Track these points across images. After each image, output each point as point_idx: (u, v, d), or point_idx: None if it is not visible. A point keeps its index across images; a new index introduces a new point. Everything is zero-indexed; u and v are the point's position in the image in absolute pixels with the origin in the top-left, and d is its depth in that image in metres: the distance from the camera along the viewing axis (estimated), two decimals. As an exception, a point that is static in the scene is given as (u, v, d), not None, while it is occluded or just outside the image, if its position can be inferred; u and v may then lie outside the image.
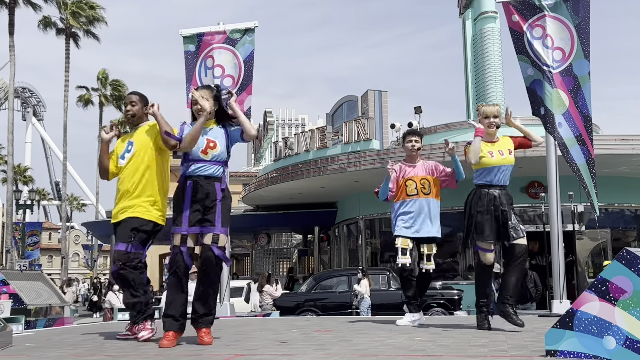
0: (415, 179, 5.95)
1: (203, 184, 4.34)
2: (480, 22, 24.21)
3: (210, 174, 4.38)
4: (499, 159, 5.16)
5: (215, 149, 4.42)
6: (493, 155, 5.15)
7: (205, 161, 4.39)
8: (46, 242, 67.56)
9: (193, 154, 4.40)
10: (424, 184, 5.95)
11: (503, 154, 5.17)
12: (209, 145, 4.41)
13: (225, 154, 4.49)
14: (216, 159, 4.43)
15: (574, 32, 7.77)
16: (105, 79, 40.12)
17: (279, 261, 26.40)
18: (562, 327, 2.90)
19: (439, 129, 18.07)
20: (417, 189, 5.93)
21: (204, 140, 4.41)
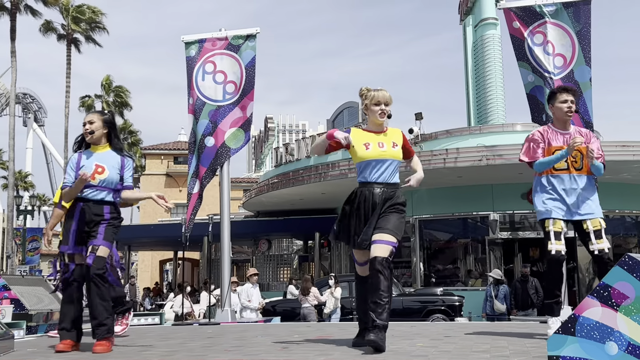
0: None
1: (92, 206, 4.47)
2: (481, 29, 24.27)
3: (100, 199, 4.50)
4: (377, 152, 4.23)
5: (102, 174, 4.50)
6: (369, 147, 4.25)
7: (93, 186, 4.49)
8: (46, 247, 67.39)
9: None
10: (576, 157, 4.72)
11: (383, 146, 4.25)
12: (96, 170, 4.50)
13: (115, 179, 4.56)
14: (104, 185, 4.51)
15: (575, 38, 7.81)
16: (109, 85, 40.22)
17: (280, 267, 26.37)
18: (564, 333, 2.90)
19: (440, 136, 18.08)
20: (567, 162, 4.71)
21: (92, 165, 4.51)
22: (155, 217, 35.51)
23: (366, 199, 4.17)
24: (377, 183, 4.20)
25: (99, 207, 4.49)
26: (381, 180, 4.21)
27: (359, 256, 4.28)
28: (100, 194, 4.50)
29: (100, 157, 4.59)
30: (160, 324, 8.85)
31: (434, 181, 17.08)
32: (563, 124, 4.82)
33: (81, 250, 4.46)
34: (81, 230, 4.45)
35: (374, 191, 4.17)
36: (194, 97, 8.75)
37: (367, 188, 4.20)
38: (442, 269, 18.83)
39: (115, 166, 4.58)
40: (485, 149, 15.46)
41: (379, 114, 4.26)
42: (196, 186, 8.59)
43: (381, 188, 4.19)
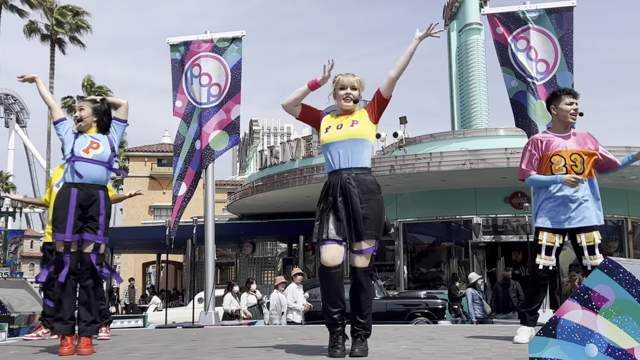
0: (563, 154, 4.62)
1: (87, 191, 4.45)
2: (465, 34, 24.45)
3: (95, 180, 4.49)
4: (335, 134, 3.92)
5: (97, 149, 4.55)
6: (328, 130, 3.97)
7: (88, 160, 4.50)
8: (28, 250, 66.88)
9: (75, 152, 4.51)
10: (575, 160, 4.60)
11: (341, 127, 3.93)
12: (91, 145, 4.55)
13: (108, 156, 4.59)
14: (99, 159, 4.54)
15: (557, 44, 7.89)
16: (91, 85, 39.93)
17: (264, 270, 26.33)
18: (546, 335, 2.94)
19: (424, 140, 18.19)
20: (565, 167, 4.60)
21: (87, 141, 4.56)
22: (138, 220, 35.33)
23: (334, 187, 3.84)
24: (344, 169, 3.85)
25: (95, 191, 4.47)
26: (347, 165, 3.86)
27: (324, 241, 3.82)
28: (94, 170, 4.48)
29: (94, 136, 4.64)
30: (143, 326, 8.80)
31: (417, 185, 17.18)
32: (564, 127, 4.69)
33: (76, 238, 4.39)
34: (77, 217, 4.38)
35: (342, 176, 3.83)
36: (184, 101, 8.73)
37: (335, 176, 3.87)
38: (426, 272, 18.92)
39: (107, 144, 4.63)
40: (468, 153, 15.57)
41: (344, 97, 3.97)
42: (182, 188, 8.57)
43: (349, 173, 3.84)
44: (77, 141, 4.58)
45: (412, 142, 18.08)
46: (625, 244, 18.56)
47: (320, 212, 3.89)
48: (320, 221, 3.85)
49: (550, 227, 4.59)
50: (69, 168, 4.53)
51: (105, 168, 4.57)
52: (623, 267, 2.79)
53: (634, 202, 18.58)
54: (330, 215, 3.83)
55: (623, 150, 15.16)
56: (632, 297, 2.75)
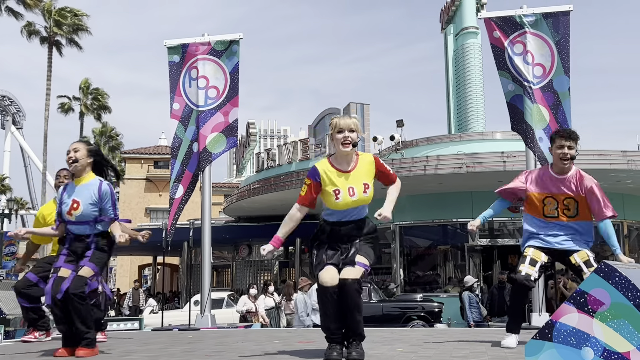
0: (558, 197, 4.64)
1: (75, 243, 4.60)
2: (461, 38, 24.49)
3: (79, 234, 4.58)
4: (347, 201, 3.91)
5: (77, 210, 4.53)
6: (339, 197, 3.91)
7: (72, 222, 4.56)
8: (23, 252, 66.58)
9: (63, 216, 4.60)
10: (568, 204, 4.64)
11: (354, 194, 3.89)
12: (72, 206, 4.55)
13: (91, 214, 4.55)
14: (80, 219, 4.55)
15: (554, 48, 7.92)
16: (87, 88, 39.87)
17: (260, 272, 26.31)
18: (542, 339, 2.95)
19: (421, 143, 18.21)
20: (557, 211, 4.65)
21: (69, 202, 4.57)
22: (134, 222, 35.28)
23: (335, 234, 3.97)
24: (346, 222, 3.98)
25: (82, 241, 4.58)
26: (349, 219, 3.98)
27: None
28: (79, 228, 4.58)
29: (78, 190, 4.60)
30: (139, 329, 8.79)
31: (414, 188, 17.19)
32: (559, 169, 4.67)
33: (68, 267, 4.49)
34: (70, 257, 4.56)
35: (342, 229, 3.97)
36: (182, 104, 8.73)
37: (336, 227, 3.98)
38: (422, 275, 18.93)
39: (91, 200, 4.55)
40: (465, 156, 15.59)
41: (342, 142, 3.89)
42: (179, 191, 8.56)
43: (353, 224, 3.98)
44: (63, 199, 4.62)
45: (409, 145, 18.11)
46: (621, 247, 18.58)
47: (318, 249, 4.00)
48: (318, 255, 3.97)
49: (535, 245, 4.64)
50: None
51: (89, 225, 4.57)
52: (619, 271, 2.80)
53: (629, 206, 18.62)
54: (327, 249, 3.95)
55: (618, 155, 15.23)
56: (627, 301, 2.76)
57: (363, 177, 3.94)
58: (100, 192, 4.58)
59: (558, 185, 4.62)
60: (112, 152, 45.09)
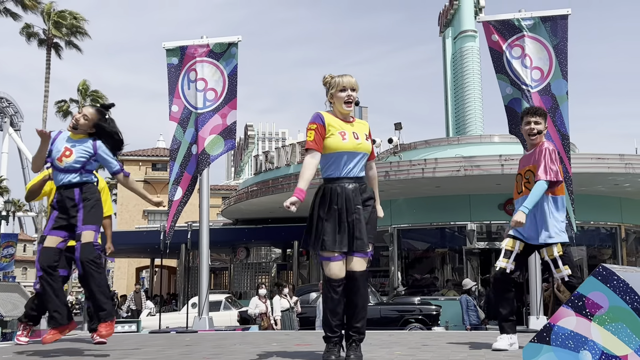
0: (521, 172, 4.82)
1: (63, 192, 4.58)
2: (460, 41, 24.54)
3: (68, 182, 4.59)
4: (354, 143, 3.85)
5: (69, 157, 4.59)
6: (346, 138, 3.84)
7: (62, 170, 4.60)
8: (20, 254, 66.63)
9: (52, 161, 4.64)
10: (529, 178, 4.71)
11: (358, 137, 3.87)
12: (64, 153, 4.60)
13: (81, 161, 4.60)
14: (69, 167, 4.59)
15: (552, 52, 7.93)
16: (86, 90, 39.85)
17: (258, 275, 26.29)
18: (540, 342, 2.95)
19: (419, 146, 18.23)
20: (522, 185, 4.77)
21: (61, 148, 4.62)
22: (132, 224, 35.25)
23: (339, 196, 3.79)
24: (349, 178, 3.83)
25: (69, 191, 4.57)
26: (352, 174, 3.84)
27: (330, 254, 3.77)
28: (67, 176, 4.58)
29: (73, 141, 4.67)
30: (137, 331, 8.78)
31: (412, 191, 17.20)
32: (530, 145, 4.84)
33: (58, 234, 4.52)
34: (60, 217, 4.55)
35: (347, 187, 3.81)
36: (180, 106, 8.72)
37: (337, 184, 3.83)
38: (420, 278, 18.93)
39: (85, 149, 4.62)
40: (463, 159, 15.61)
41: (346, 100, 3.86)
42: (177, 193, 8.56)
43: (353, 183, 3.83)
44: (55, 145, 4.65)
45: (407, 148, 18.13)
46: (619, 251, 18.62)
47: (318, 218, 3.83)
48: (323, 229, 3.78)
49: (512, 234, 4.76)
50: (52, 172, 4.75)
51: (78, 173, 4.60)
52: (617, 275, 2.81)
53: (627, 209, 18.65)
54: (330, 224, 3.78)
55: (616, 158, 15.26)
56: (625, 304, 2.77)
57: (364, 130, 3.97)
58: (95, 147, 4.65)
59: (528, 161, 4.77)
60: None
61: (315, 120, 3.89)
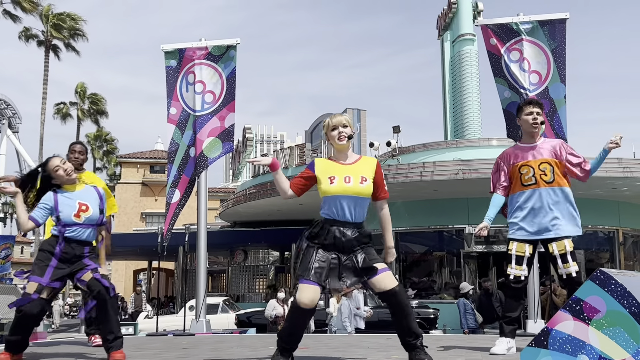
0: (532, 164, 4.68)
1: (75, 247, 4.43)
2: (458, 44, 24.56)
3: (84, 239, 4.46)
4: (343, 187, 3.76)
5: (87, 212, 4.46)
6: (334, 182, 3.77)
7: (79, 225, 4.43)
8: (18, 255, 66.53)
9: (65, 219, 4.40)
10: (545, 169, 4.64)
11: (350, 181, 3.77)
12: (81, 208, 4.44)
13: (97, 216, 4.52)
14: (88, 222, 4.47)
15: (550, 56, 7.95)
16: (84, 92, 39.85)
17: (256, 278, 26.26)
18: (537, 346, 2.95)
19: (417, 149, 18.23)
20: (535, 177, 4.66)
21: (74, 204, 4.44)
22: (130, 227, 35.20)
23: (336, 240, 3.73)
24: (348, 222, 3.77)
25: (81, 247, 4.44)
26: (350, 219, 3.77)
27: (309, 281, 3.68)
28: (84, 232, 4.45)
29: (80, 195, 4.52)
30: (134, 334, 8.76)
31: (410, 194, 17.20)
32: (530, 137, 4.77)
33: (54, 285, 4.37)
34: (60, 268, 4.38)
35: (346, 232, 3.75)
36: (179, 108, 8.73)
37: (335, 227, 3.76)
38: (418, 282, 18.93)
39: (96, 202, 4.54)
40: (461, 162, 15.61)
41: (338, 137, 3.86)
42: (175, 195, 8.55)
43: (352, 229, 3.77)
44: (60, 204, 4.43)
45: (405, 151, 18.12)
46: (617, 255, 18.63)
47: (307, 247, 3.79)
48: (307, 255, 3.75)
49: (520, 238, 4.65)
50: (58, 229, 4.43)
51: (94, 229, 4.52)
52: (614, 279, 2.80)
53: (625, 213, 18.67)
54: (319, 253, 3.73)
55: (614, 162, 15.26)
56: (623, 309, 2.77)
57: (362, 171, 3.85)
58: (100, 195, 4.59)
59: (532, 153, 4.70)
60: (106, 155, 45.06)
61: (307, 166, 3.97)
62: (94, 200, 4.54)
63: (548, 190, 4.60)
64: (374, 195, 3.89)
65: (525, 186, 4.67)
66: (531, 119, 4.68)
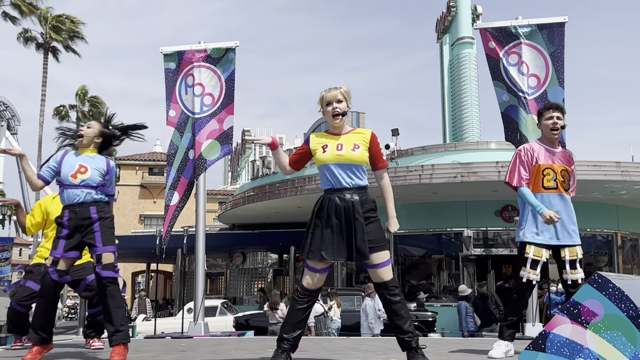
0: (555, 169, 4.69)
1: (78, 211, 4.43)
2: (457, 48, 24.59)
3: (82, 201, 4.46)
4: (335, 154, 3.85)
5: (85, 174, 4.49)
6: (326, 150, 3.88)
7: (75, 186, 4.46)
8: (16, 257, 66.46)
9: (63, 179, 4.49)
10: (565, 177, 4.70)
11: (342, 148, 3.86)
12: (79, 170, 4.49)
13: (97, 180, 4.52)
14: (85, 184, 4.48)
15: (548, 59, 7.96)
16: (84, 95, 39.84)
17: (254, 281, 26.25)
18: (535, 349, 2.95)
19: (416, 152, 18.23)
20: (556, 182, 4.67)
21: (75, 165, 4.51)
22: (128, 229, 35.18)
23: (337, 207, 3.78)
24: (346, 188, 3.82)
25: (85, 209, 4.44)
26: (348, 184, 3.83)
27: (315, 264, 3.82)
28: (82, 193, 4.45)
29: (83, 158, 4.57)
30: (132, 336, 8.74)
31: (409, 197, 17.20)
32: (550, 142, 4.77)
33: (70, 255, 4.40)
34: (71, 236, 4.40)
35: (344, 197, 3.79)
36: (178, 111, 8.72)
37: (335, 195, 3.82)
38: (416, 284, 18.92)
39: (99, 168, 4.55)
40: (460, 166, 15.62)
41: (332, 114, 3.91)
42: (174, 198, 8.54)
43: (350, 193, 3.81)
44: (64, 163, 4.53)
45: (404, 154, 18.12)
46: (615, 258, 18.64)
47: (314, 227, 3.84)
48: (312, 237, 3.81)
49: (538, 243, 4.61)
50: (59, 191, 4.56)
51: (93, 191, 4.50)
52: (612, 282, 2.81)
53: (623, 217, 18.68)
54: (324, 232, 3.78)
55: (612, 166, 15.28)
56: (621, 312, 2.77)
57: (355, 139, 3.91)
58: (108, 166, 4.60)
59: (554, 157, 4.72)
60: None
61: (304, 141, 4.08)
62: (98, 166, 4.55)
63: (565, 197, 4.66)
64: (373, 165, 3.98)
65: (547, 189, 4.65)
66: (551, 123, 4.71)
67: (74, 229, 4.40)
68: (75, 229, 4.40)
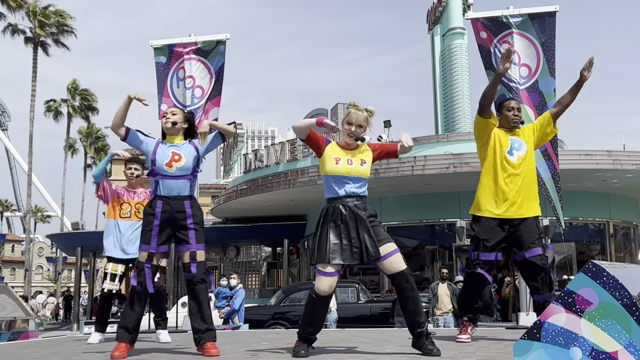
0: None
1: (172, 203, 4.37)
2: (448, 38, 24.58)
3: (177, 194, 4.39)
4: (347, 168, 4.15)
5: (179, 162, 4.42)
6: (339, 163, 4.16)
7: (172, 176, 4.38)
8: (9, 254, 66.24)
9: (158, 168, 4.39)
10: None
11: (352, 163, 4.18)
12: (173, 158, 4.41)
13: (191, 167, 4.47)
14: (181, 173, 4.41)
15: (540, 49, 7.95)
16: (75, 89, 39.61)
17: (248, 274, 26.25)
18: (530, 339, 2.95)
19: (408, 143, 18.24)
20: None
21: (168, 154, 4.43)
22: (122, 223, 35.02)
23: (342, 213, 4.05)
24: (349, 196, 4.11)
25: (179, 203, 4.38)
26: (351, 194, 4.12)
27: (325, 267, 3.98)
28: (178, 185, 4.39)
29: (175, 147, 4.49)
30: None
31: (401, 188, 17.23)
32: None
33: (162, 249, 4.37)
34: (163, 229, 4.34)
35: (348, 204, 4.08)
36: (170, 105, 8.66)
37: (339, 202, 4.10)
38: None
39: (192, 155, 4.48)
40: (452, 156, 15.64)
41: (348, 133, 4.22)
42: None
43: (353, 201, 4.10)
44: (158, 152, 4.43)
45: (396, 145, 18.14)
46: (607, 247, 18.74)
47: (320, 233, 4.06)
48: (320, 241, 4.04)
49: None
50: (153, 182, 4.45)
51: (188, 180, 4.45)
52: (606, 271, 2.81)
53: (615, 205, 18.77)
54: (332, 237, 4.02)
55: (604, 154, 15.34)
56: (615, 301, 2.77)
57: (362, 155, 4.25)
58: (196, 148, 4.52)
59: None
60: (97, 153, 44.85)
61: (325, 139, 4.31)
62: (190, 152, 4.48)
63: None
64: (391, 154, 4.38)
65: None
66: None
67: (165, 222, 4.34)
68: (166, 222, 4.34)
